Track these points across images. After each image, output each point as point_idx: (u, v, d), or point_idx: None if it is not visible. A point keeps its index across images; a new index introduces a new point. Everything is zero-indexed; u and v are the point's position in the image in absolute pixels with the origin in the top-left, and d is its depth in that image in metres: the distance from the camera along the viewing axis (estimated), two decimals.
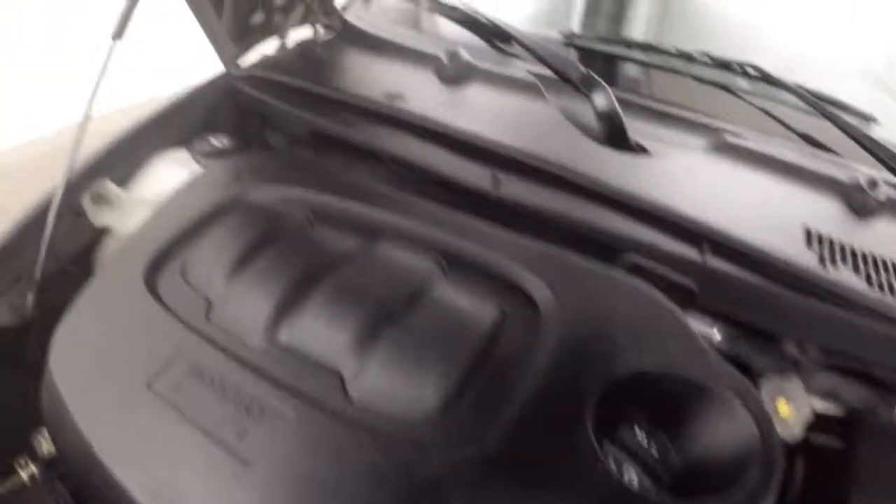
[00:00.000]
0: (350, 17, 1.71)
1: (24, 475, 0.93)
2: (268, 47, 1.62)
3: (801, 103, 1.35)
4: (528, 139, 1.19)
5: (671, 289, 1.03)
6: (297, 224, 1.05)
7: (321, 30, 1.69)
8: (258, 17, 1.53)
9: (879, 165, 1.24)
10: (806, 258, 1.04)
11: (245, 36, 1.52)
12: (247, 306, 0.88)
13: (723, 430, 0.80)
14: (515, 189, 1.14)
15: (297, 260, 0.95)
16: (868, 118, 1.49)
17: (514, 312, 0.92)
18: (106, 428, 0.79)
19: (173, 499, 0.71)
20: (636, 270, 1.06)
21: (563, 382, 0.81)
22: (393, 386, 0.79)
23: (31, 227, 1.11)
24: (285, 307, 0.87)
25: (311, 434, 0.75)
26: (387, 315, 0.86)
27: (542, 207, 1.12)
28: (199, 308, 0.90)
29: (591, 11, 1.97)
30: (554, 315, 0.89)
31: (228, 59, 1.49)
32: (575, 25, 1.97)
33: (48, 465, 0.93)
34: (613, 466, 0.77)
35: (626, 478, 0.79)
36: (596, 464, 0.73)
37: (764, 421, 0.77)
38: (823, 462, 0.96)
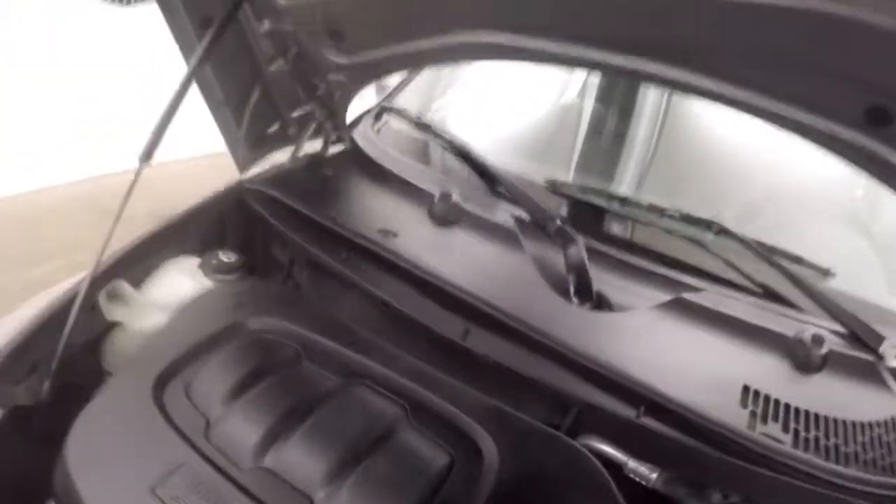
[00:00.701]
0: (357, 135, 1.89)
1: None
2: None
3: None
4: (500, 290, 1.35)
5: (617, 433, 1.19)
6: (288, 357, 1.22)
7: (331, 142, 1.88)
8: (274, 128, 1.71)
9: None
10: (736, 417, 1.17)
11: (260, 144, 1.70)
12: (239, 431, 1.04)
13: None
14: (481, 342, 1.31)
15: (284, 394, 1.11)
16: (825, 272, 1.61)
17: (462, 459, 1.08)
18: None
19: None
20: (587, 411, 1.22)
21: None
22: None
23: (50, 317, 1.26)
24: (271, 437, 1.03)
25: None
26: (354, 455, 1.02)
27: (502, 361, 1.28)
28: (199, 426, 1.06)
29: (592, 133, 2.16)
30: (494, 466, 1.05)
31: (243, 164, 1.67)
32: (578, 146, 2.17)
33: None
34: None
35: None
36: None
37: None
38: None
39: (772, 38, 0.95)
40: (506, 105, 2.34)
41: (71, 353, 1.28)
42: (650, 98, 2.05)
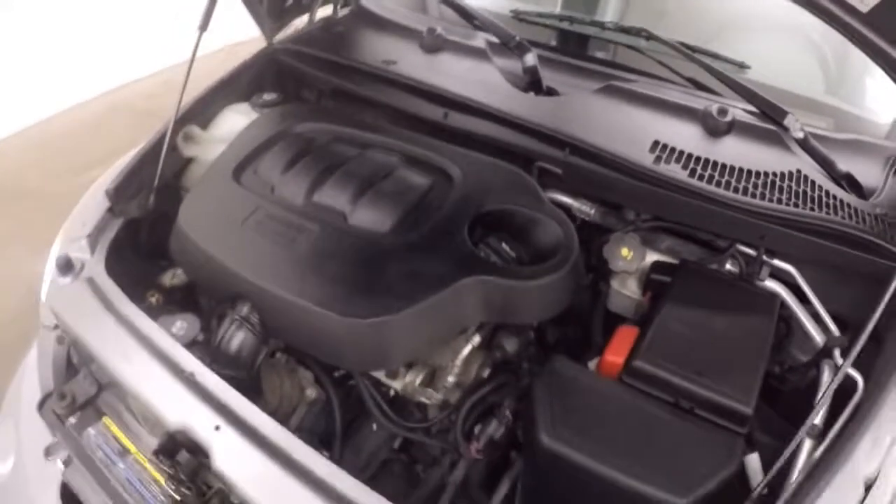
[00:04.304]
0: None
1: (152, 300, 1.65)
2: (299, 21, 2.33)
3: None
4: (473, 89, 1.87)
5: (559, 178, 1.75)
6: (323, 143, 1.81)
7: (339, 6, 2.40)
8: (290, 1, 2.21)
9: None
10: (642, 158, 1.63)
11: (282, 15, 2.21)
12: (294, 185, 1.64)
13: (546, 237, 1.56)
14: (457, 120, 1.86)
15: (321, 160, 1.71)
16: (741, 65, 2.06)
17: (439, 182, 1.69)
18: (217, 244, 1.53)
19: (261, 268, 1.45)
20: (542, 172, 1.77)
21: (457, 213, 1.57)
22: (370, 217, 1.56)
23: (148, 155, 1.80)
24: (315, 183, 1.63)
25: (328, 237, 1.52)
26: (369, 183, 1.62)
27: (473, 131, 1.84)
28: (267, 189, 1.67)
29: None
30: (460, 183, 1.66)
31: (269, 33, 2.19)
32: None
33: (167, 293, 1.69)
34: (482, 254, 1.52)
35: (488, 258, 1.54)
36: (466, 247, 1.49)
37: (568, 232, 1.52)
38: (661, 292, 1.58)
39: None
40: None
41: (163, 182, 1.83)
42: None
